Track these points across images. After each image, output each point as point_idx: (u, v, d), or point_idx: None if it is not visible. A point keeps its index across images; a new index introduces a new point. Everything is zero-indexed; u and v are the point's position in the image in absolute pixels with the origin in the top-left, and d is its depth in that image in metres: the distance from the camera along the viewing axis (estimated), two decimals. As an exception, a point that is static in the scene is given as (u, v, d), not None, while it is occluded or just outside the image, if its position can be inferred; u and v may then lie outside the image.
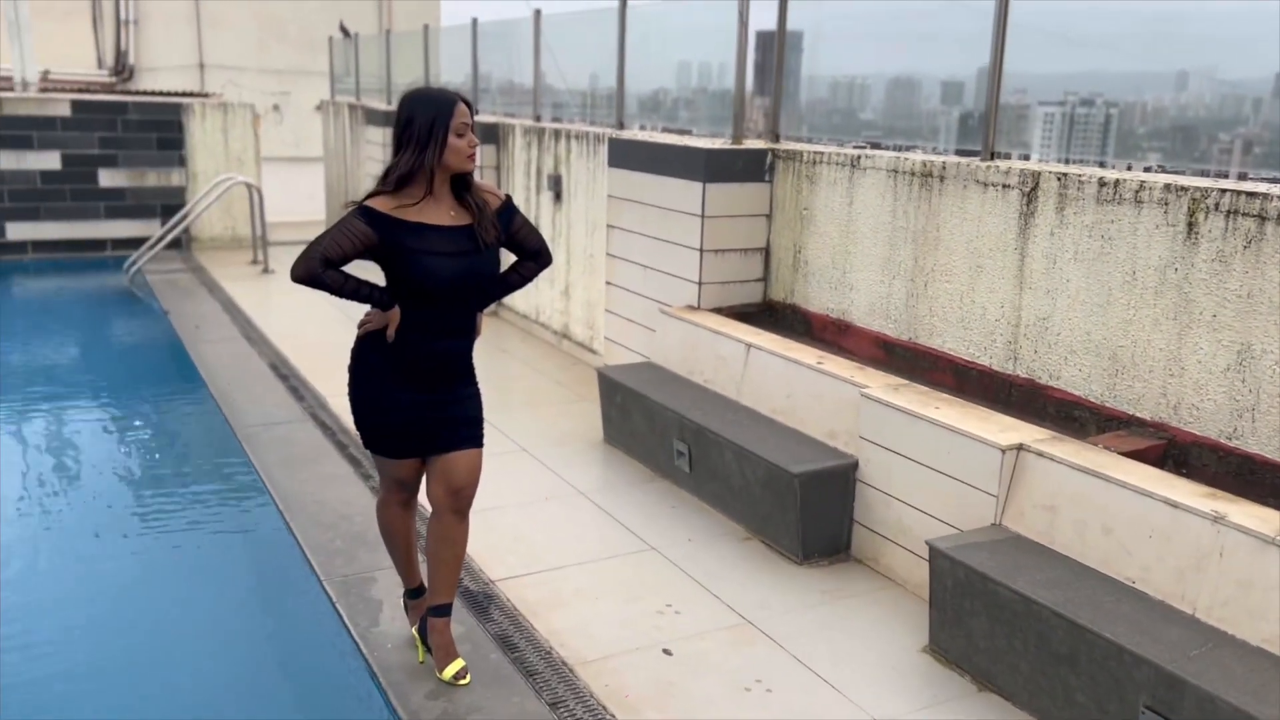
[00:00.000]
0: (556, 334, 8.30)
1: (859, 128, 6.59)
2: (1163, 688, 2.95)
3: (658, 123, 8.28)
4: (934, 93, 6.16)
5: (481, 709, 3.39)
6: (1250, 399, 3.68)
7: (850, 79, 6.91)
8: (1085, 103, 5.32)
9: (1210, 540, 3.19)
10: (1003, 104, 5.79)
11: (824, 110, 6.89)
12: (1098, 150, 5.18)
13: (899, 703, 3.50)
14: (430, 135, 3.14)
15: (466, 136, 3.20)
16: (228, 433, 6.04)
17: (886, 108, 6.62)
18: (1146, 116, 5.29)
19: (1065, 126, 5.38)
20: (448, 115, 3.16)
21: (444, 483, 3.45)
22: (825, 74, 6.86)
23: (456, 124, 3.17)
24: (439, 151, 3.16)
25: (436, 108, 3.16)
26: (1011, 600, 3.40)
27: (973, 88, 6.13)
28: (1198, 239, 3.80)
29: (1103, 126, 5.23)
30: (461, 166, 3.23)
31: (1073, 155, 5.23)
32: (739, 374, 5.31)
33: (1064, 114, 5.41)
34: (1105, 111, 5.22)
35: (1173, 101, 5.12)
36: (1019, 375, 4.56)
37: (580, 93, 9.20)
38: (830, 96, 7.02)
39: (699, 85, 8.22)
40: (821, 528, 4.49)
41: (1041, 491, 3.70)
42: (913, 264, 5.07)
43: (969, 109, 6.09)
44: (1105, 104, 5.22)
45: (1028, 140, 5.60)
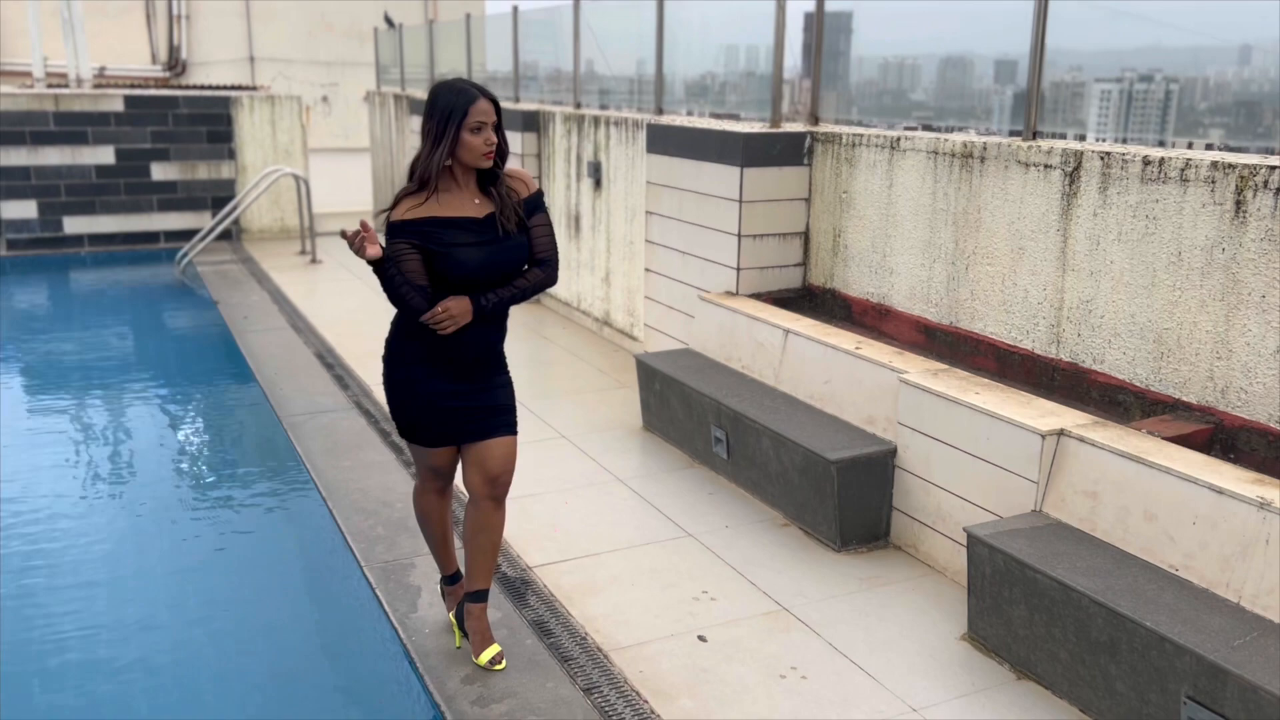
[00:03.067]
0: (598, 321, 8.31)
1: (910, 109, 6.49)
2: (1205, 678, 2.88)
3: (705, 108, 8.22)
4: (987, 72, 6.00)
5: (516, 694, 3.42)
6: (1301, 382, 3.58)
7: (901, 59, 6.79)
8: (1144, 79, 5.18)
9: (1256, 527, 3.11)
10: (1057, 82, 5.65)
11: (874, 91, 6.78)
12: (1157, 128, 5.05)
13: (935, 690, 3.46)
14: (444, 132, 3.15)
15: (483, 134, 3.17)
16: (274, 420, 6.15)
17: (938, 88, 6.49)
18: (1208, 92, 5.15)
19: (1123, 104, 5.25)
20: (462, 113, 3.14)
21: (480, 470, 3.47)
22: (875, 54, 6.75)
23: (471, 121, 3.15)
24: (451, 148, 3.16)
25: (453, 104, 3.16)
26: (1050, 588, 3.35)
27: (1026, 66, 6.02)
28: (1246, 218, 3.69)
29: (1162, 103, 5.10)
30: (476, 163, 3.21)
31: (1130, 133, 5.09)
32: (777, 360, 5.27)
33: (1121, 91, 5.28)
34: (1165, 87, 5.09)
35: (1235, 76, 4.98)
36: (1062, 359, 4.48)
37: (627, 79, 9.18)
38: (880, 77, 6.90)
39: (746, 69, 8.14)
40: (859, 515, 4.45)
41: (1083, 477, 3.64)
42: (953, 247, 4.99)
43: (1023, 88, 5.96)
44: (1165, 80, 5.08)
45: (1083, 119, 5.46)
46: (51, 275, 11.08)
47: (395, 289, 3.23)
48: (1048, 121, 5.50)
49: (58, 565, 4.47)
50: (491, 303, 3.33)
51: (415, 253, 3.22)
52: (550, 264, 3.47)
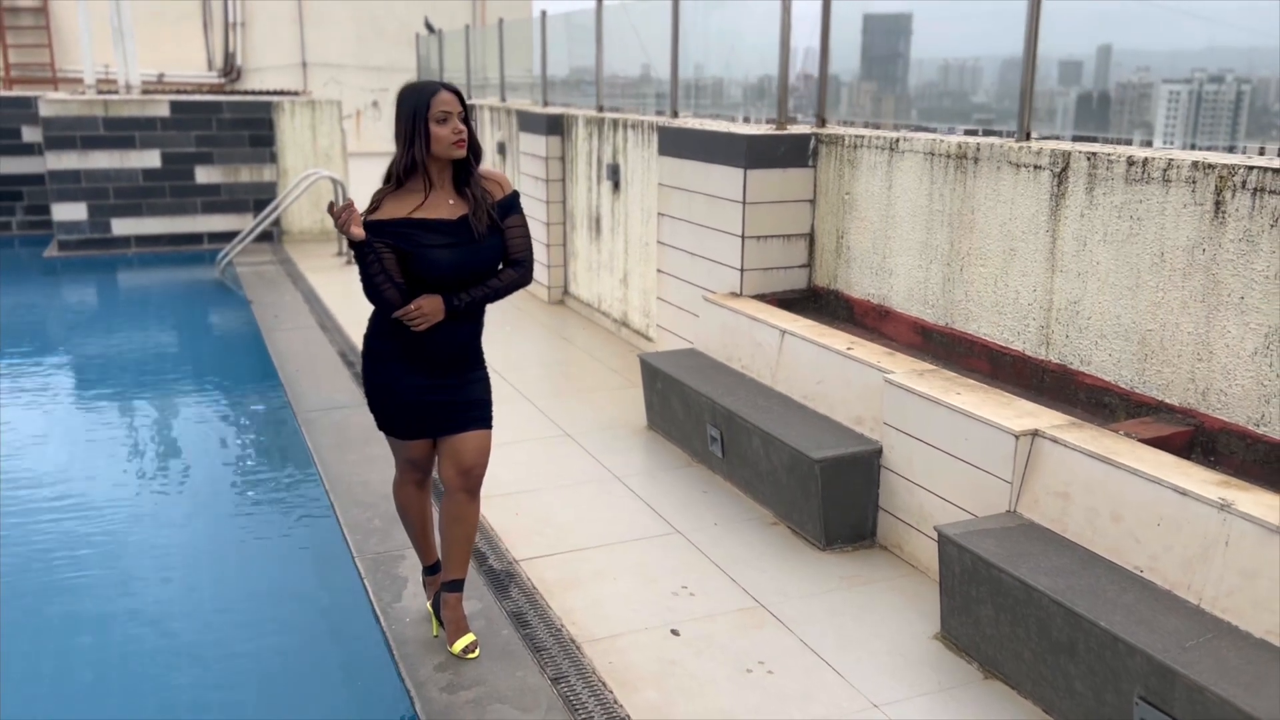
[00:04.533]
0: (616, 322, 8.39)
1: (970, 111, 6.35)
2: (1155, 678, 2.87)
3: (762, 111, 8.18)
4: (1050, 73, 5.75)
5: (485, 682, 3.51)
6: (1277, 384, 3.53)
7: (962, 61, 6.62)
8: (1214, 80, 5.03)
9: (1217, 529, 3.08)
10: (1123, 83, 5.52)
11: (934, 94, 6.67)
12: (1228, 131, 4.93)
13: (900, 688, 3.48)
14: (413, 128, 3.24)
15: (449, 123, 3.25)
16: (289, 415, 6.33)
17: (1000, 90, 6.36)
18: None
19: (1192, 105, 5.11)
20: (425, 106, 3.24)
21: (454, 463, 3.57)
22: (936, 56, 6.66)
23: (436, 112, 3.24)
24: (424, 143, 3.25)
25: (415, 100, 3.25)
26: (1014, 587, 3.35)
27: (1092, 67, 5.89)
28: (1225, 218, 3.65)
29: (1233, 105, 4.95)
30: (448, 154, 3.29)
31: (1200, 136, 4.99)
32: (774, 360, 5.31)
33: (1191, 92, 5.14)
34: (1236, 89, 4.95)
35: None
36: (1051, 361, 4.45)
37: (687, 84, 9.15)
38: (941, 79, 6.81)
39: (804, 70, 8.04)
40: (844, 514, 4.47)
41: (1055, 478, 3.63)
42: (949, 248, 4.99)
43: (1088, 89, 5.83)
44: (1236, 80, 4.94)
45: (1150, 121, 5.35)
46: (99, 275, 11.46)
47: (373, 281, 3.33)
48: (1113, 125, 5.41)
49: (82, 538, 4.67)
50: (464, 302, 3.42)
51: (390, 252, 3.33)
52: (524, 264, 3.55)
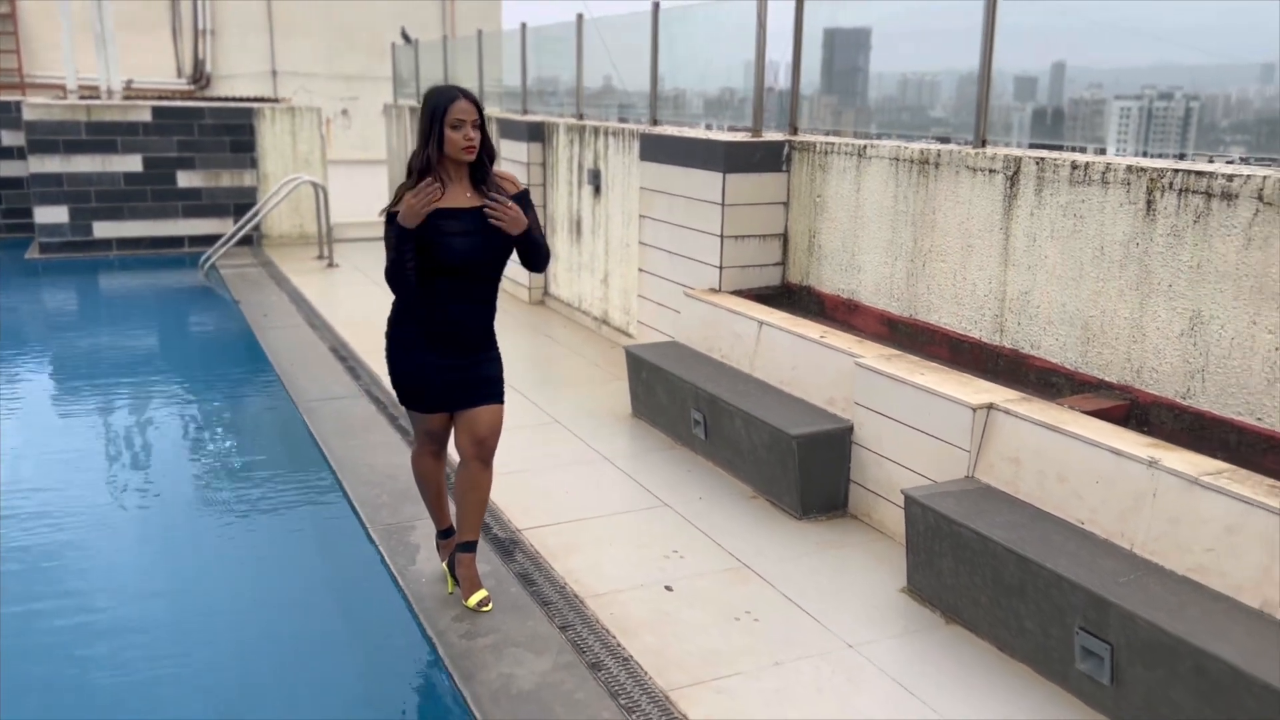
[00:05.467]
0: (597, 320, 8.78)
1: (929, 125, 6.64)
2: (1093, 610, 3.32)
3: (724, 121, 8.59)
4: (1006, 88, 6.08)
5: (499, 630, 3.88)
6: (1200, 361, 4.01)
7: (920, 75, 6.91)
8: (1164, 96, 5.29)
9: (1146, 483, 3.54)
10: (1076, 99, 5.86)
11: (894, 108, 7.05)
12: (1177, 144, 5.18)
13: (871, 631, 3.90)
14: (431, 129, 3.62)
15: (462, 130, 3.62)
16: (290, 405, 6.65)
17: (957, 104, 6.56)
18: (1230, 109, 5.25)
19: (1143, 121, 5.37)
20: (444, 111, 3.61)
21: (469, 434, 3.94)
22: (894, 71, 7.02)
23: (452, 118, 3.61)
24: (437, 144, 3.63)
25: (435, 104, 3.63)
26: (972, 540, 3.79)
27: (1046, 83, 6.09)
28: (1155, 215, 4.13)
29: (1182, 120, 5.21)
30: (457, 157, 3.66)
31: (1151, 149, 5.22)
32: (752, 349, 5.73)
33: (1141, 108, 5.39)
34: (1185, 105, 5.20)
35: (1258, 94, 5.06)
36: (1005, 346, 4.92)
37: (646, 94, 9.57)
38: (900, 94, 7.16)
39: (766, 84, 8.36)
40: (819, 486, 4.89)
41: (1007, 445, 4.08)
42: (912, 245, 5.44)
43: (1043, 104, 6.17)
44: (1185, 97, 5.19)
45: (1103, 136, 5.59)
46: (82, 277, 11.64)
47: (404, 263, 3.65)
48: (1066, 139, 5.75)
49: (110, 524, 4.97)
50: (537, 233, 3.85)
51: (410, 241, 3.69)
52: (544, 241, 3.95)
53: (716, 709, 3.42)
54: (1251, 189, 3.80)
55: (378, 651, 3.94)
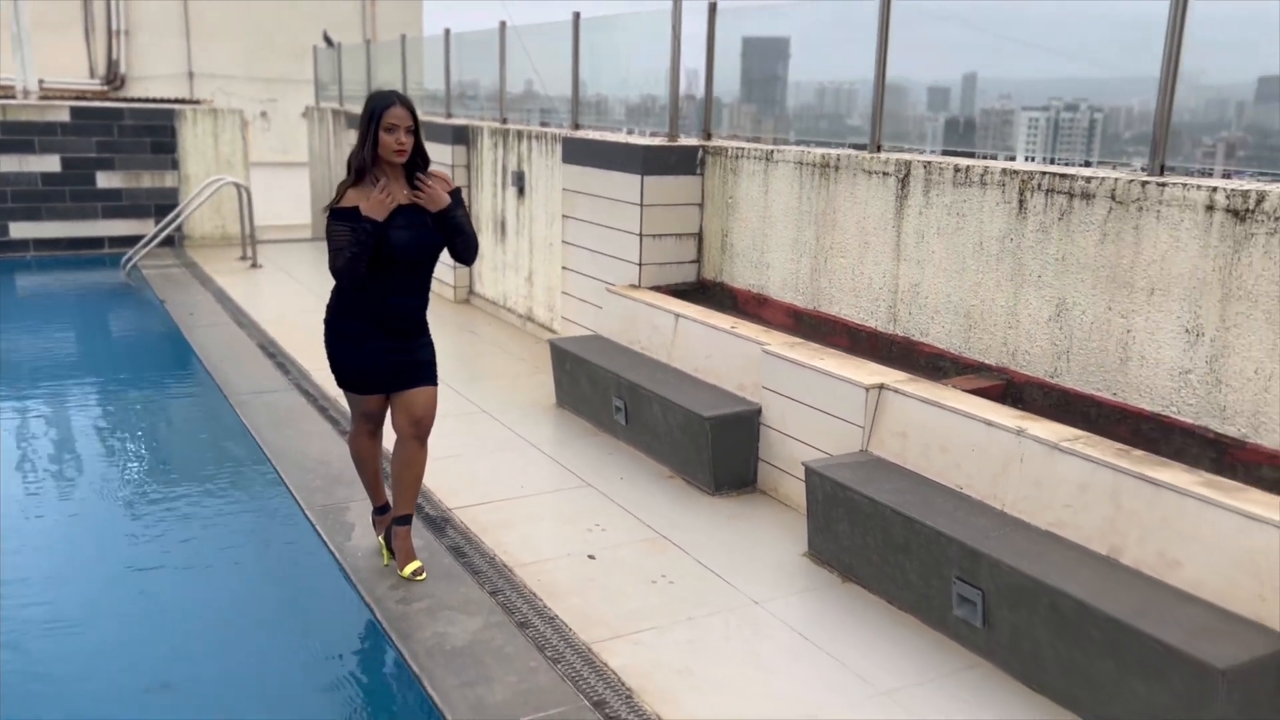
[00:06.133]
0: (521, 317, 9.08)
1: (847, 133, 6.82)
2: (967, 560, 3.75)
3: (647, 127, 8.90)
4: (920, 99, 6.42)
5: (433, 596, 4.17)
6: (1065, 344, 4.49)
7: (838, 84, 7.11)
8: (1069, 107, 5.52)
9: (1014, 449, 3.99)
10: (987, 109, 6.20)
11: (812, 115, 7.38)
12: (1082, 153, 5.39)
13: (775, 590, 4.29)
14: (367, 131, 3.91)
15: (395, 134, 3.90)
16: (221, 399, 6.81)
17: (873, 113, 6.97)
18: (1131, 120, 5.42)
19: (1050, 131, 5.59)
20: (379, 115, 3.90)
21: (406, 414, 4.22)
22: (812, 80, 7.34)
23: (386, 122, 3.90)
24: (372, 146, 3.91)
25: (373, 107, 3.92)
26: (864, 504, 4.20)
27: (959, 93, 6.31)
28: (1026, 213, 4.61)
29: (1087, 130, 5.43)
30: (388, 159, 3.94)
31: (1058, 158, 5.44)
32: (669, 340, 6.10)
33: (1048, 119, 5.62)
34: (1089, 116, 5.42)
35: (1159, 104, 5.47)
36: (898, 334, 5.37)
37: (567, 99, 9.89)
38: (817, 102, 7.49)
39: (686, 92, 8.69)
40: (730, 464, 5.28)
41: (896, 421, 4.51)
42: (815, 243, 5.87)
43: (955, 114, 6.51)
44: (1089, 108, 5.41)
45: (1012, 145, 5.81)
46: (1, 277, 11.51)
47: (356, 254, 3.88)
48: (978, 148, 6.08)
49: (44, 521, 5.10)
50: (459, 214, 4.10)
51: (350, 234, 3.97)
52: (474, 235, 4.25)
53: (634, 658, 3.76)
54: (1106, 189, 4.30)
55: (319, 617, 4.19)
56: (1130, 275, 4.22)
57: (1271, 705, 3.08)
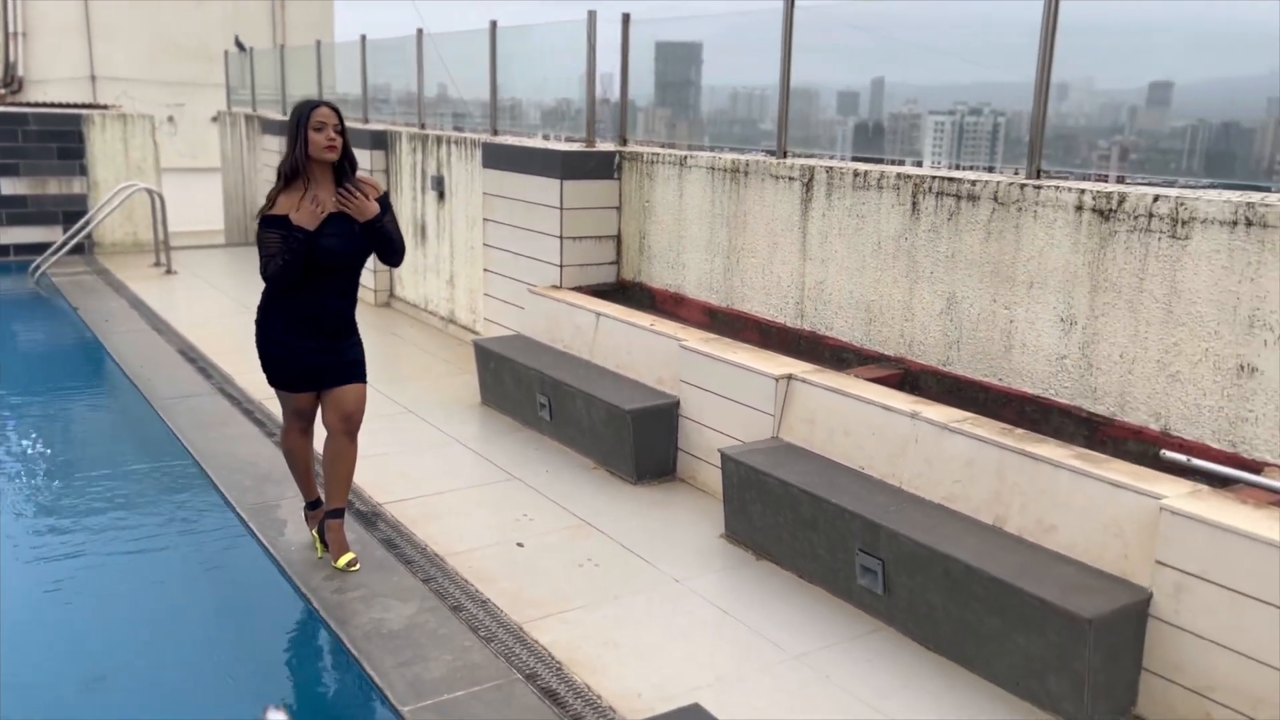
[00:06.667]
0: (443, 320, 9.22)
1: (759, 137, 6.94)
2: (868, 534, 4.07)
3: (561, 132, 9.10)
4: (830, 103, 6.62)
5: (368, 585, 4.34)
6: (956, 334, 4.87)
7: (750, 89, 7.27)
8: (974, 111, 5.74)
9: (909, 431, 4.34)
10: (895, 113, 6.44)
11: (725, 120, 7.59)
12: (987, 156, 5.60)
13: (695, 569, 4.57)
14: (296, 134, 4.09)
15: (324, 132, 4.10)
16: (144, 404, 6.82)
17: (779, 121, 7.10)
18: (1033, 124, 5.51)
19: (955, 135, 5.81)
20: (307, 116, 4.10)
21: (337, 410, 4.39)
22: (726, 84, 7.54)
23: (314, 121, 4.09)
24: (303, 146, 4.09)
25: (300, 111, 4.11)
26: (775, 486, 4.50)
27: (868, 98, 6.51)
28: (919, 214, 4.98)
29: (990, 134, 5.66)
30: (320, 156, 4.13)
31: (963, 162, 5.66)
32: (591, 339, 6.34)
33: (954, 123, 5.86)
34: (993, 120, 5.65)
35: (1055, 111, 5.38)
36: (805, 329, 5.70)
37: (480, 103, 10.07)
38: (730, 107, 7.71)
39: (602, 96, 8.89)
40: (651, 454, 5.55)
41: (804, 408, 4.83)
42: (728, 244, 6.18)
43: (864, 119, 6.75)
44: (993, 113, 5.63)
45: (919, 148, 6.04)
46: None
47: (292, 259, 4.05)
48: (887, 152, 6.34)
49: None
50: (386, 221, 4.27)
51: (282, 241, 4.12)
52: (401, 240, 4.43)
53: (563, 634, 3.99)
54: (989, 191, 4.68)
55: (257, 608, 4.32)
56: (1012, 270, 4.61)
57: (1132, 650, 3.47)
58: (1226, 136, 5.39)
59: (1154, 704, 3.48)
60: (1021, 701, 3.59)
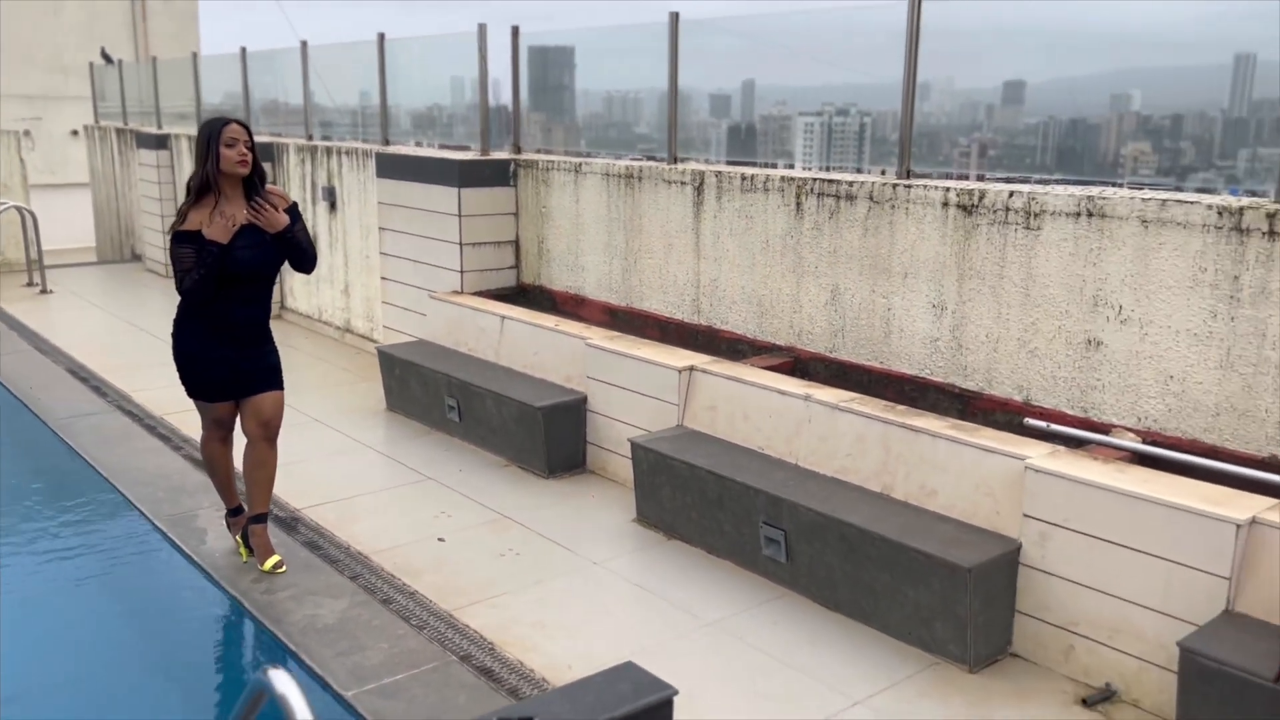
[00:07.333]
0: (339, 330, 9.27)
1: (635, 141, 7.16)
2: (770, 507, 4.43)
3: (433, 139, 9.21)
4: (702, 106, 6.76)
5: (297, 585, 4.47)
6: (840, 323, 5.29)
7: (624, 93, 7.44)
8: (841, 112, 5.95)
9: (803, 413, 4.72)
10: (766, 115, 6.69)
11: (601, 124, 7.74)
12: (855, 156, 5.81)
13: (610, 552, 4.85)
14: (208, 150, 4.22)
15: (236, 147, 4.25)
16: (40, 426, 6.71)
17: (660, 120, 6.86)
18: (897, 124, 5.67)
19: (824, 135, 6.01)
20: (219, 132, 4.23)
21: (256, 417, 4.51)
22: (599, 89, 7.71)
23: (226, 138, 4.23)
24: (215, 161, 4.22)
25: (210, 128, 4.25)
26: (683, 469, 4.83)
27: (739, 101, 6.67)
28: (803, 214, 5.39)
29: (858, 134, 5.89)
30: (233, 171, 4.27)
31: (832, 161, 5.86)
32: (496, 341, 6.56)
33: (822, 124, 6.05)
34: (859, 120, 5.87)
35: (918, 110, 5.53)
36: (702, 324, 6.06)
37: (350, 111, 10.15)
38: (606, 110, 7.88)
39: (473, 101, 8.95)
40: (562, 449, 5.81)
41: (706, 397, 5.17)
42: (625, 246, 6.49)
43: (736, 121, 6.98)
44: (859, 113, 5.85)
45: (791, 149, 6.20)
46: None
47: (207, 274, 4.16)
48: (760, 152, 6.60)
49: None
50: (298, 229, 4.42)
51: (196, 256, 4.23)
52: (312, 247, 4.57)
53: (492, 618, 4.22)
54: (865, 190, 5.12)
55: (187, 613, 4.41)
56: (888, 262, 5.05)
57: (1006, 594, 3.91)
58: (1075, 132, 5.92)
59: (1026, 641, 3.93)
60: (913, 649, 4.00)
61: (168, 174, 12.07)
